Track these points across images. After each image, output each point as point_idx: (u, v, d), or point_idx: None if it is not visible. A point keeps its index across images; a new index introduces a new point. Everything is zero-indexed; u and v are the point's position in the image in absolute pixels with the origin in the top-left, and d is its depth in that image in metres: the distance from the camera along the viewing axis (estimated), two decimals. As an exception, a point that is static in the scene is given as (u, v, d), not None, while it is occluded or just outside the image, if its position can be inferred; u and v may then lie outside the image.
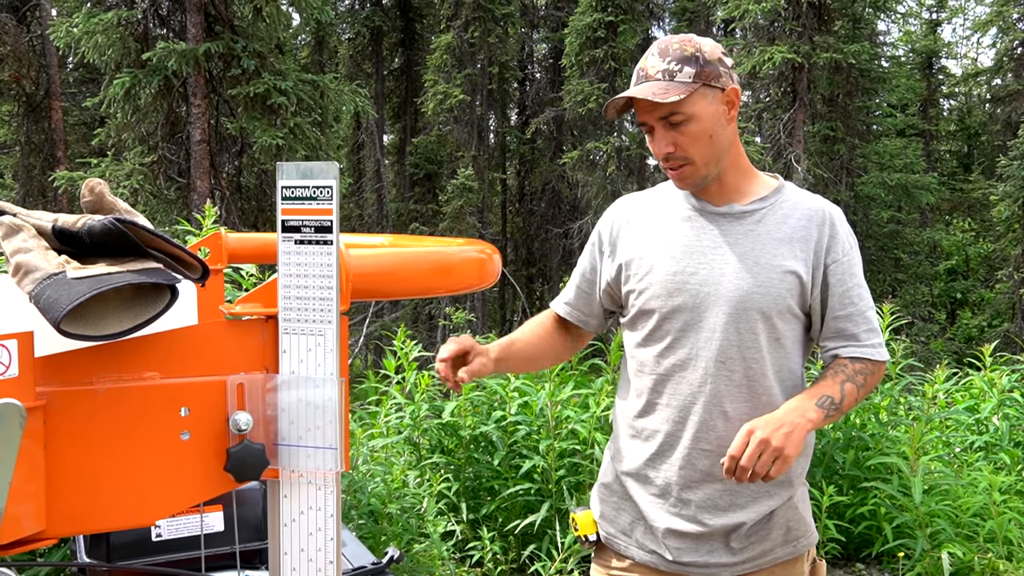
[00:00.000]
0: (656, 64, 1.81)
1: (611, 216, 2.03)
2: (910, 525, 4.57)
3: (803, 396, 1.79)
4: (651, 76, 1.81)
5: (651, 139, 1.86)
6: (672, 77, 1.78)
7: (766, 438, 1.68)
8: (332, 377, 1.00)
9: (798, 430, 1.71)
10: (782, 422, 1.71)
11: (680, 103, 1.78)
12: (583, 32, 18.78)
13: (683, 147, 1.81)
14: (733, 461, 1.69)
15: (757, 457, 1.67)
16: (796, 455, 1.70)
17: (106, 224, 0.90)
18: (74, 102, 18.90)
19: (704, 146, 1.82)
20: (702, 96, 1.80)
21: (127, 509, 0.94)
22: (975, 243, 25.60)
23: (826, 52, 15.89)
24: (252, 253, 1.76)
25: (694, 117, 1.79)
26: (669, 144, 1.81)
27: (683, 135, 1.80)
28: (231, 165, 12.95)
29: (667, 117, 1.79)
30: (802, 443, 1.73)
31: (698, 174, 1.85)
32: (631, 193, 2.10)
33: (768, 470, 1.68)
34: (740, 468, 1.68)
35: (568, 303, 2.10)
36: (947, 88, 27.59)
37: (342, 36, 25.43)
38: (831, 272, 1.85)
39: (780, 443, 1.68)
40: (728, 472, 1.70)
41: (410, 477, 4.60)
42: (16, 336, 0.85)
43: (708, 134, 1.81)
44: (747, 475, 1.68)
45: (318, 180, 0.99)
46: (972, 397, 5.76)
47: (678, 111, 1.78)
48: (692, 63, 1.79)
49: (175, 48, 11.38)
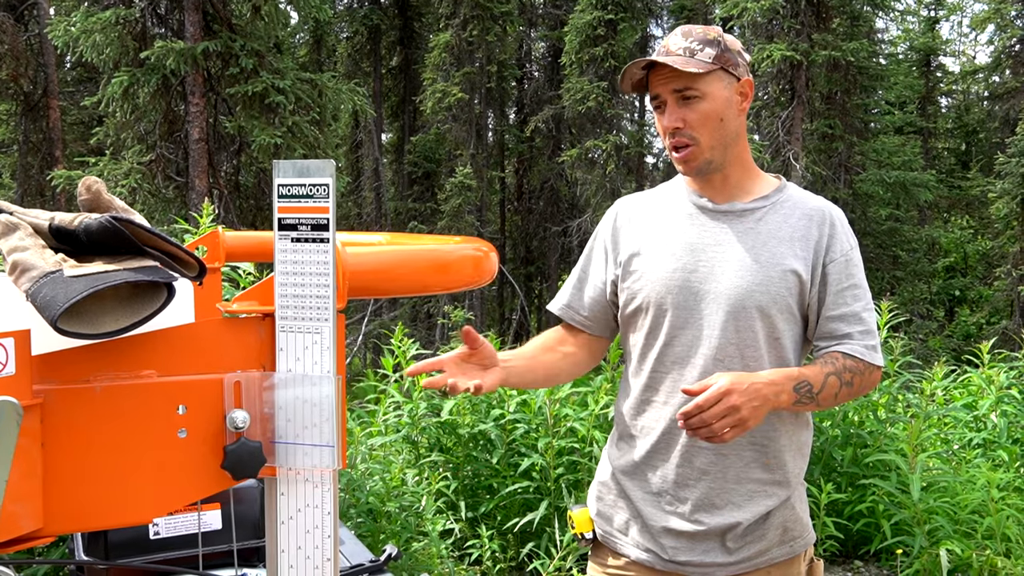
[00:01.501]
0: (678, 42, 1.84)
1: (612, 215, 2.03)
2: (908, 522, 4.58)
3: (787, 373, 1.77)
4: (672, 52, 1.84)
5: (660, 114, 1.87)
6: (693, 55, 1.82)
7: (737, 404, 1.66)
8: (329, 375, 1.00)
9: (767, 406, 1.70)
10: (759, 394, 1.69)
11: (697, 77, 1.80)
12: (583, 30, 18.81)
13: (692, 125, 1.82)
14: (698, 409, 1.66)
15: (721, 417, 1.66)
16: (752, 428, 1.70)
17: (103, 222, 0.90)
18: (72, 101, 18.88)
19: (712, 128, 1.83)
20: (718, 78, 1.83)
21: (124, 507, 0.94)
22: (973, 240, 25.63)
23: (824, 50, 15.90)
24: (250, 251, 1.76)
25: (708, 96, 1.81)
26: (679, 119, 1.83)
27: (694, 112, 1.82)
28: (229, 164, 12.95)
29: (682, 91, 1.81)
30: (762, 419, 1.71)
31: (702, 156, 1.85)
32: (632, 193, 2.10)
33: (722, 432, 1.66)
34: (699, 418, 1.65)
35: (565, 304, 2.06)
36: (945, 85, 27.60)
37: (340, 35, 25.43)
38: (829, 271, 1.84)
39: (747, 414, 1.67)
40: (685, 415, 1.67)
41: (409, 475, 4.60)
42: (13, 334, 0.85)
43: (719, 116, 1.83)
44: (701, 427, 1.66)
45: (314, 178, 0.99)
46: (970, 394, 5.76)
47: (693, 86, 1.81)
48: (714, 46, 1.83)
49: (173, 47, 11.38)
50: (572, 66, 19.32)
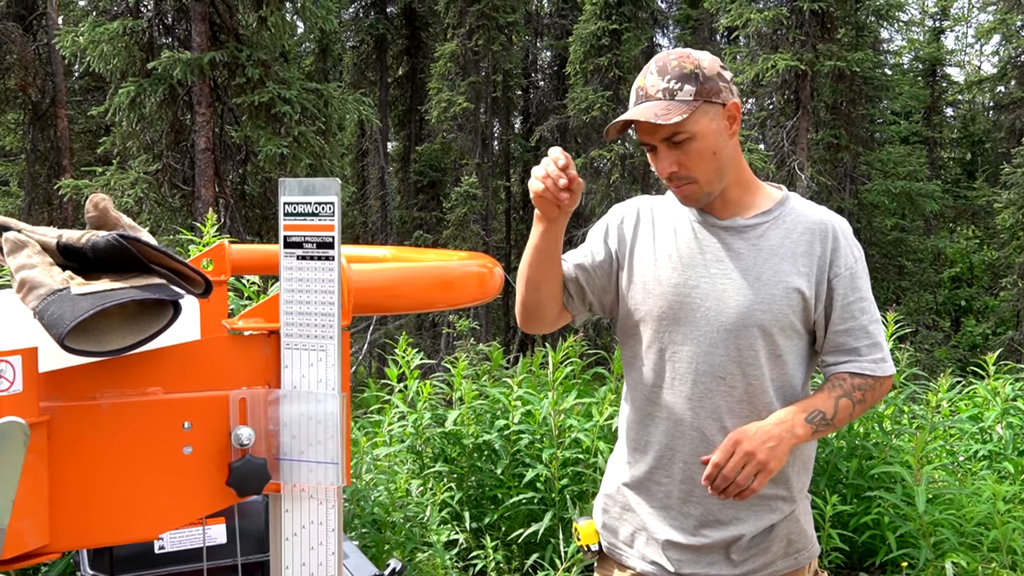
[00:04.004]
0: (656, 83, 1.78)
1: (621, 214, 1.99)
2: (914, 535, 4.56)
3: (795, 408, 1.78)
4: (651, 95, 1.78)
5: (654, 158, 1.84)
6: (673, 96, 1.76)
7: (752, 450, 1.68)
8: (333, 392, 1.00)
9: (784, 444, 1.71)
10: (769, 435, 1.70)
11: (683, 123, 1.75)
12: (587, 40, 18.84)
13: (687, 166, 1.79)
14: (716, 468, 1.69)
15: (740, 468, 1.68)
16: (778, 469, 1.70)
17: (110, 240, 0.91)
18: (80, 110, 18.96)
19: (708, 164, 1.80)
20: (704, 113, 1.78)
21: (130, 523, 0.95)
22: (979, 250, 25.56)
23: (829, 60, 15.90)
24: (255, 265, 1.77)
25: (697, 135, 1.77)
26: (673, 164, 1.79)
27: (686, 154, 1.78)
28: (235, 173, 12.98)
29: (670, 137, 1.77)
30: (786, 457, 1.72)
31: (702, 192, 1.83)
32: (641, 196, 2.06)
33: (749, 483, 1.68)
34: (722, 477, 1.68)
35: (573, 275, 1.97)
36: (951, 95, 27.57)
37: (346, 44, 25.49)
38: (834, 286, 1.83)
39: (765, 456, 1.68)
40: (708, 479, 1.70)
41: (413, 486, 4.59)
42: (20, 352, 0.85)
43: (711, 151, 1.79)
44: (727, 485, 1.68)
45: (320, 196, 1.00)
46: (976, 406, 5.74)
47: (681, 131, 1.76)
48: (692, 81, 1.77)
49: (180, 57, 11.42)
50: (577, 76, 19.34)
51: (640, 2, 19.23)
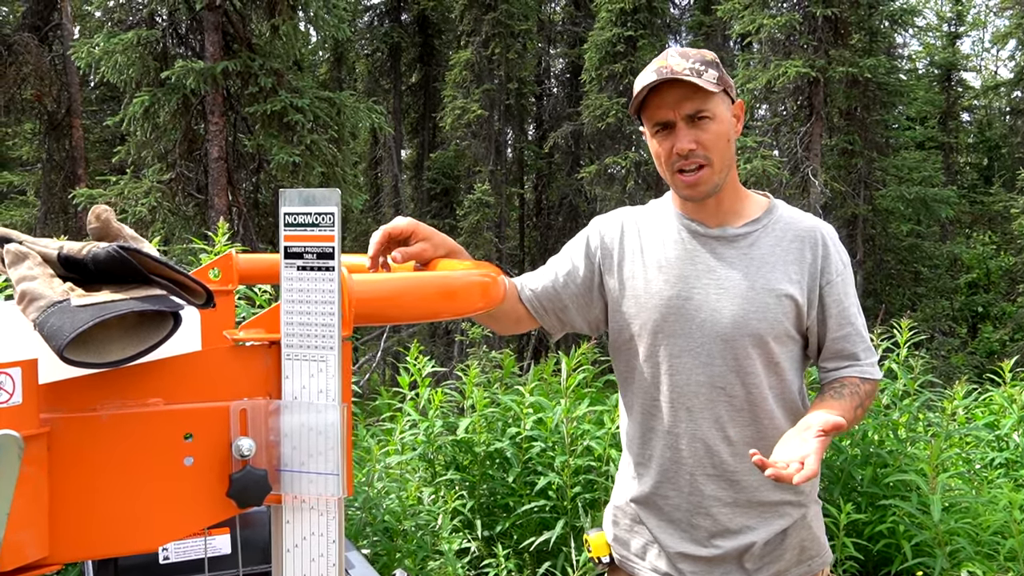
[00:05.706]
0: (681, 63, 1.78)
1: (603, 227, 1.97)
2: (929, 543, 4.52)
3: (823, 414, 1.69)
4: (678, 72, 1.76)
5: (665, 137, 1.81)
6: (700, 76, 1.77)
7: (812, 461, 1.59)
8: (334, 403, 1.00)
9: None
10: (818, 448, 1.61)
11: (709, 97, 1.78)
12: (602, 47, 18.84)
13: (705, 146, 1.79)
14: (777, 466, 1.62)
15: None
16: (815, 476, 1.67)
17: (110, 251, 0.91)
18: (95, 120, 19.10)
19: (723, 150, 1.81)
20: (722, 100, 1.81)
21: (130, 535, 0.94)
22: (996, 256, 25.37)
23: (842, 66, 15.85)
24: (263, 274, 1.77)
25: (717, 117, 1.79)
26: (692, 141, 1.78)
27: (706, 133, 1.78)
28: (248, 182, 13.04)
29: (694, 114, 1.78)
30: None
31: (713, 179, 1.82)
32: (622, 208, 2.05)
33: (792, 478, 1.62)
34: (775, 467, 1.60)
35: (534, 291, 1.94)
36: (966, 100, 27.40)
37: (361, 52, 25.60)
38: (826, 293, 1.84)
39: None
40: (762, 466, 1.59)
41: (425, 494, 4.59)
42: (20, 364, 0.85)
43: (726, 137, 1.82)
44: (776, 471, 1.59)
45: (320, 207, 1.00)
46: (992, 413, 5.70)
47: (705, 108, 1.78)
48: (714, 67, 1.80)
49: (193, 67, 11.49)
50: (591, 83, 19.34)
51: (656, 9, 19.23)
